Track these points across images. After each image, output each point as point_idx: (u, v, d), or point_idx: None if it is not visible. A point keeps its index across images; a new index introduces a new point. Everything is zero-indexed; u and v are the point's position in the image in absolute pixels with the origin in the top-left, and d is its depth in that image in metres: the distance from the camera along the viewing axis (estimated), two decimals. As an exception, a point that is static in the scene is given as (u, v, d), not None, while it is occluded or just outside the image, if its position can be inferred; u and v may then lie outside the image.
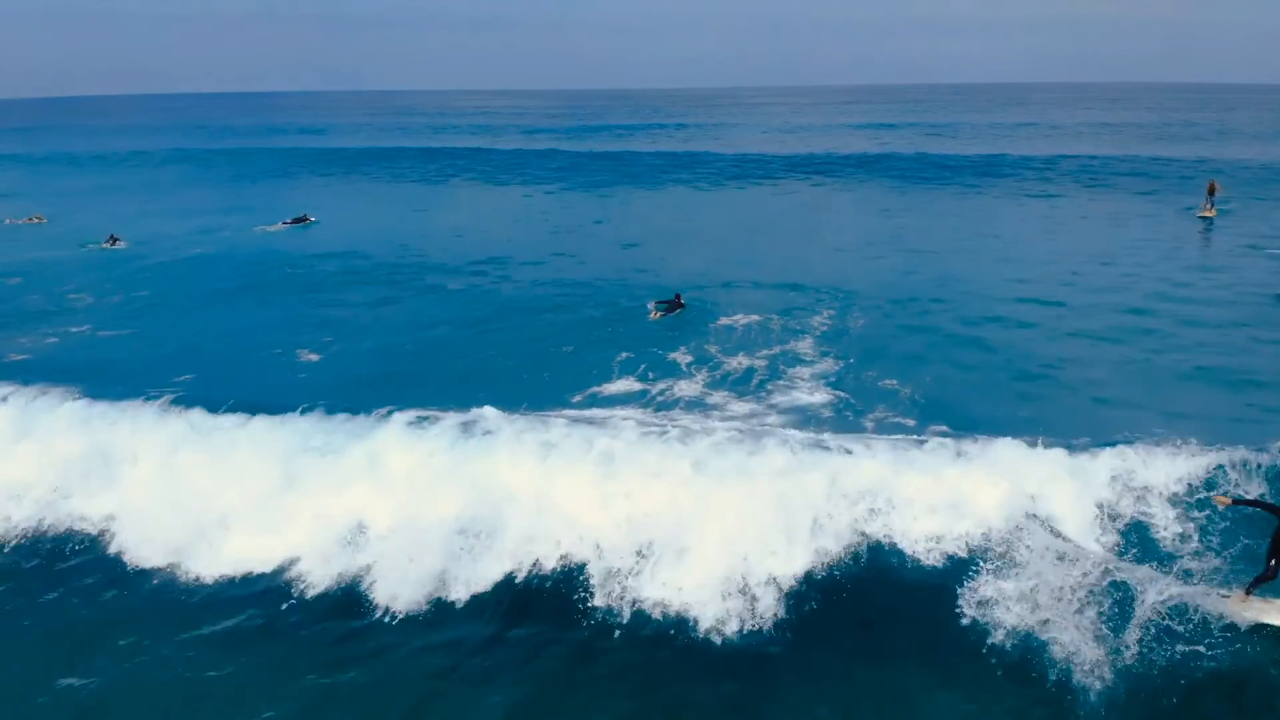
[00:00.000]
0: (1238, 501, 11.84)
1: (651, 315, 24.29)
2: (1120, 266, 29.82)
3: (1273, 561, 11.22)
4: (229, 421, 16.60)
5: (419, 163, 69.44)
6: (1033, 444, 14.06)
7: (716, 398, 18.03)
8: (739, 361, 20.27)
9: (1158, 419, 15.84)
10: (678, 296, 25.06)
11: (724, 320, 23.77)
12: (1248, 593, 11.51)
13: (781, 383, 18.84)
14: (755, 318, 23.81)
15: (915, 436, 15.12)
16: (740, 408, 17.43)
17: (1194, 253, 33.36)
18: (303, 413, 16.56)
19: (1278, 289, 26.14)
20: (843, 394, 18.07)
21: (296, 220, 42.01)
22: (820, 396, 17.96)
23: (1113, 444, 14.07)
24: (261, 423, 16.39)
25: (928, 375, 18.95)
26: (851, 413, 17.02)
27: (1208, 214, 39.57)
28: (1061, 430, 15.06)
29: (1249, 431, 15.19)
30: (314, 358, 21.72)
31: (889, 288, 27.02)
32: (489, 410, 16.01)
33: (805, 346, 21.23)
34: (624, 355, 20.90)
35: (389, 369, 20.56)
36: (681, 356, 20.73)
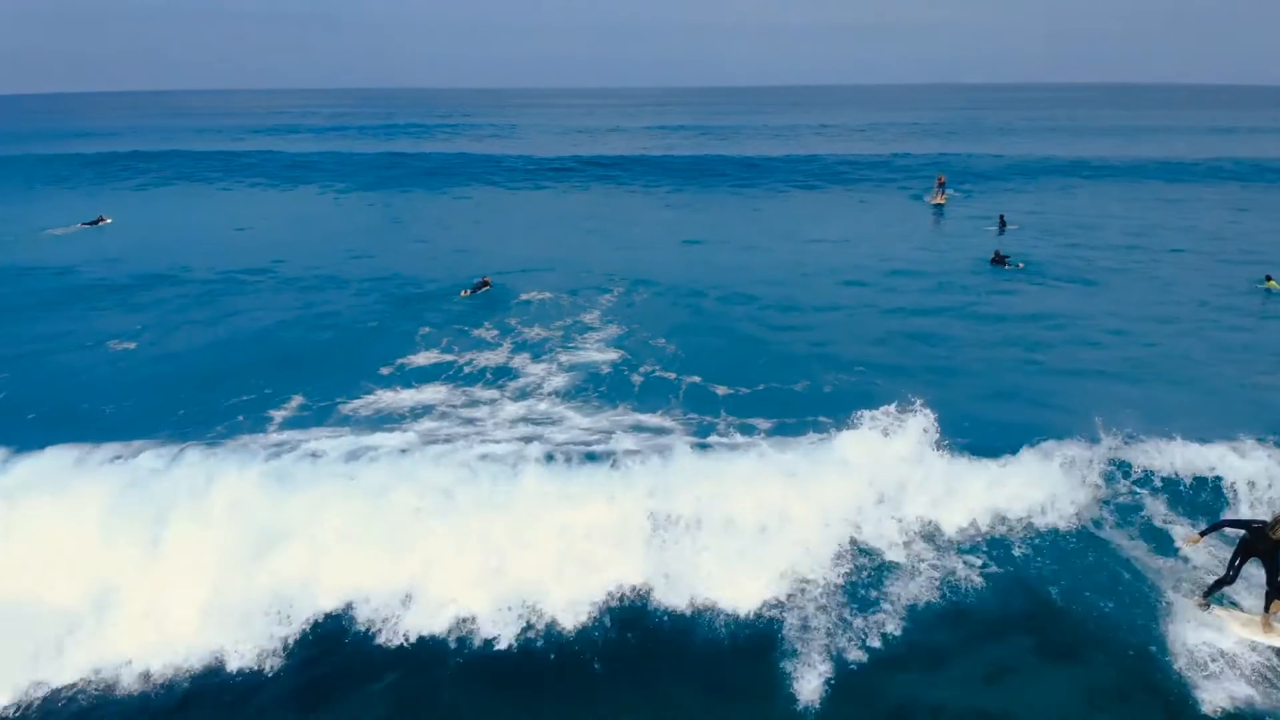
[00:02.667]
0: (1204, 533, 11.99)
1: (462, 294, 27.07)
2: (860, 247, 35.00)
3: (1231, 571, 11.75)
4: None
5: (204, 164, 67.44)
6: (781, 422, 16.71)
7: (516, 362, 20.87)
8: (536, 332, 23.30)
9: (875, 375, 19.95)
10: (485, 279, 27.85)
11: (524, 297, 26.81)
12: (1207, 594, 12.16)
13: (572, 346, 22.06)
14: (549, 295, 27.01)
15: (685, 414, 17.76)
16: (537, 369, 20.37)
17: (925, 233, 39.27)
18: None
19: (987, 256, 31.80)
20: (623, 353, 21.45)
21: (92, 222, 41.51)
22: (605, 356, 21.23)
23: (838, 405, 17.13)
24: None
25: (691, 339, 22.54)
26: (628, 368, 20.35)
27: (939, 201, 46.09)
28: (793, 384, 19.29)
29: (957, 379, 19.74)
30: (113, 361, 21.77)
31: (664, 271, 30.56)
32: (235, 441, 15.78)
33: (593, 318, 24.53)
34: (434, 332, 23.39)
35: (191, 371, 20.73)
36: (486, 331, 23.46)
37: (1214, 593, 12.16)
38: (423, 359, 21.28)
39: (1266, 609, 11.71)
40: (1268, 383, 19.22)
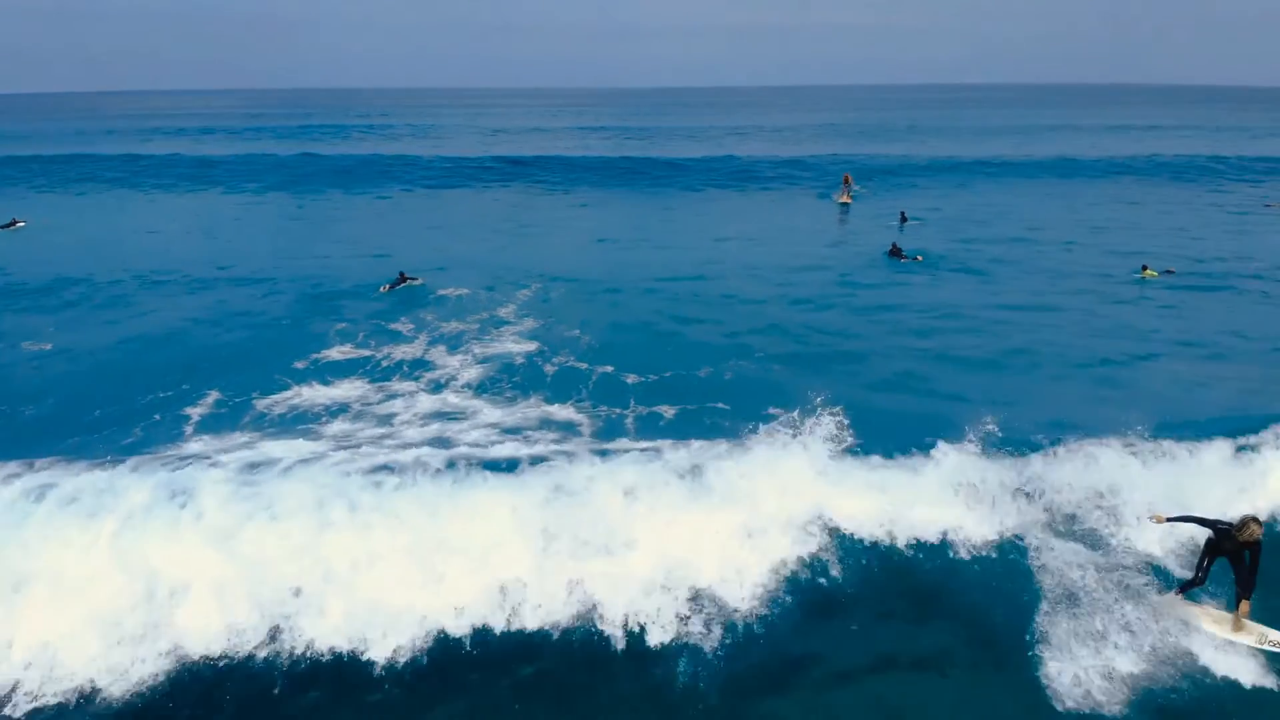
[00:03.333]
0: (1172, 519, 12.17)
1: (381, 290, 27.73)
2: (769, 244, 36.39)
3: (1200, 572, 11.97)
4: None
5: (112, 167, 65.29)
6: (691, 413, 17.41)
7: (433, 355, 21.46)
8: (453, 325, 23.93)
9: (775, 364, 20.89)
10: (403, 274, 28.54)
11: (441, 293, 27.41)
12: (1179, 593, 12.34)
13: (488, 339, 22.76)
14: (466, 290, 27.67)
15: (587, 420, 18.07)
16: (452, 362, 20.97)
17: (831, 230, 40.96)
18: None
19: (888, 249, 33.40)
20: (537, 345, 22.18)
21: (5, 225, 40.67)
22: (520, 348, 21.95)
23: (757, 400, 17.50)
24: None
25: (604, 333, 23.27)
26: (541, 360, 21.09)
27: (845, 200, 47.79)
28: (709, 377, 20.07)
29: (854, 370, 20.67)
30: (29, 363, 21.71)
31: (581, 268, 31.34)
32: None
33: (509, 312, 25.25)
34: (352, 328, 23.85)
35: (107, 373, 20.76)
36: (404, 326, 24.03)
37: (1187, 591, 12.31)
38: (340, 354, 21.71)
39: (1235, 608, 11.91)
40: (1143, 366, 20.76)
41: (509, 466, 14.58)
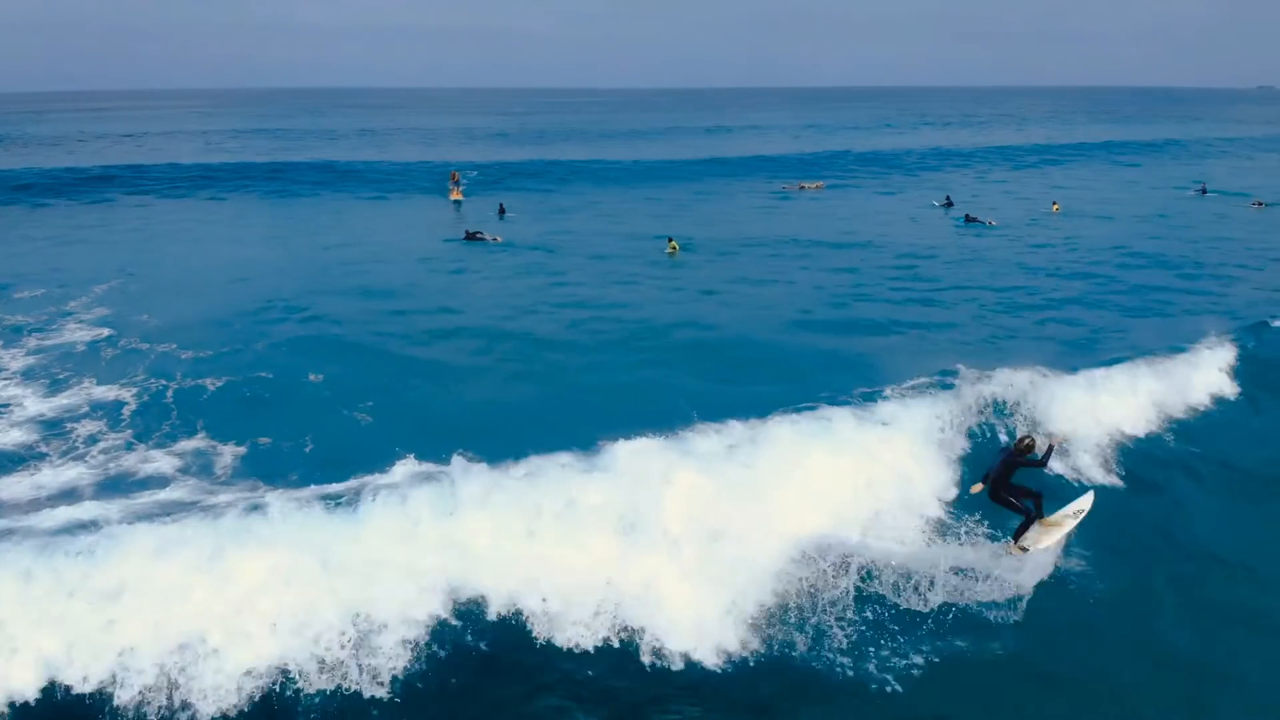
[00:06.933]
0: (986, 485, 12.58)
1: None
2: (373, 239, 39.48)
3: (1019, 503, 12.46)
4: None
5: None
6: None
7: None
8: (16, 319, 24.50)
9: (335, 345, 23.05)
10: None
11: (19, 295, 27.35)
12: (1016, 540, 12.59)
13: (51, 329, 23.59)
14: (41, 291, 27.83)
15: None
16: (4, 354, 21.56)
17: (437, 222, 45.03)
18: None
19: (482, 241, 37.73)
20: (109, 330, 23.37)
21: None
22: (85, 335, 23.10)
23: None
24: None
25: (176, 324, 24.25)
26: (110, 346, 22.29)
27: (457, 197, 52.00)
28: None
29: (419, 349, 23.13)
30: None
31: (163, 268, 32.36)
32: None
33: (79, 305, 26.07)
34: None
35: None
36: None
37: (1022, 534, 12.68)
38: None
39: (1040, 516, 12.81)
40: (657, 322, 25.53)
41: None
